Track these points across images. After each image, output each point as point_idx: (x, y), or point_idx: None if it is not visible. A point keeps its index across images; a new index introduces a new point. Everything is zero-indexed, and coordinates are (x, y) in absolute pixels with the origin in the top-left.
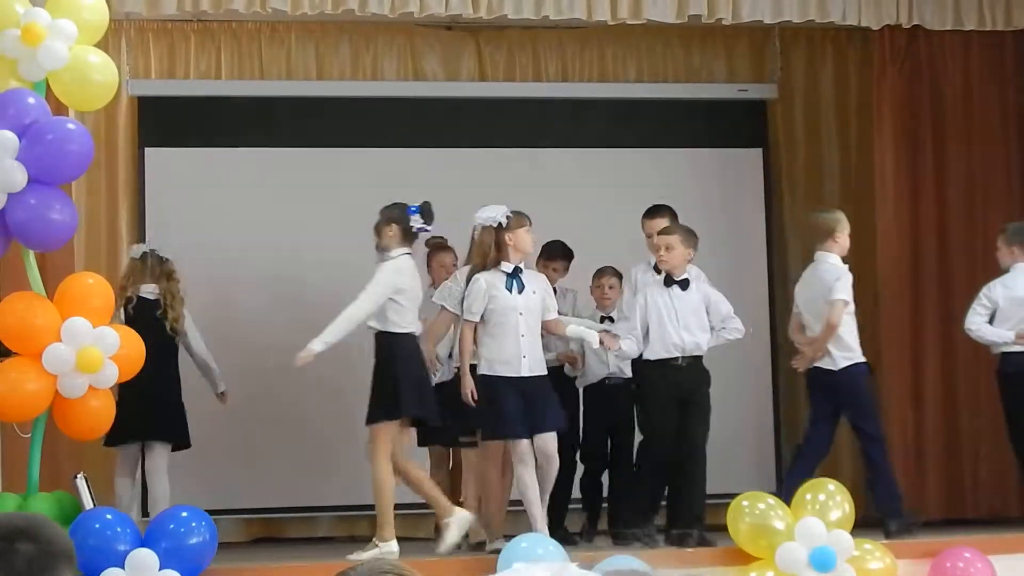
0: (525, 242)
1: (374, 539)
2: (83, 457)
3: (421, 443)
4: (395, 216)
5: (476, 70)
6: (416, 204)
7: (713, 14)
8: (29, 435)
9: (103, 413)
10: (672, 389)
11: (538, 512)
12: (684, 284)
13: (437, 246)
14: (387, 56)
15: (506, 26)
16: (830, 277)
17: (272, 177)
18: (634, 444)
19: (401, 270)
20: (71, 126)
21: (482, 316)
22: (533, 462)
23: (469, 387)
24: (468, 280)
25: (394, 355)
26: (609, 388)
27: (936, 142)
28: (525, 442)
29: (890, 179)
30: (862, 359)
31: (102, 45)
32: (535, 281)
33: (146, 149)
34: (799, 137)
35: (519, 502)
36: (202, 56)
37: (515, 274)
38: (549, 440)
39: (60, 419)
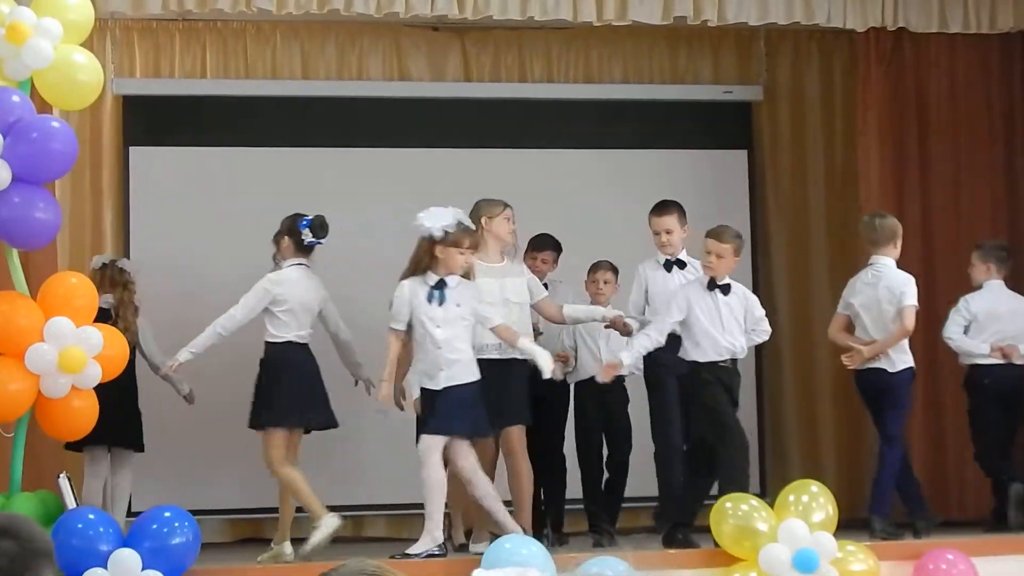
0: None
1: (272, 541)
2: (66, 457)
3: None
4: (287, 228)
5: (462, 70)
6: (308, 217)
7: (699, 16)
8: (12, 435)
9: (86, 413)
10: (724, 389)
11: (493, 506)
12: (726, 289)
13: None
14: (372, 56)
15: (492, 27)
16: (898, 282)
17: (257, 176)
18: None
19: (280, 282)
20: (55, 124)
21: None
22: (471, 463)
23: (382, 394)
24: None
25: (273, 363)
26: (602, 385)
27: (921, 144)
28: (459, 442)
29: (875, 181)
30: (913, 364)
31: (87, 44)
32: (464, 294)
33: (131, 148)
34: (784, 139)
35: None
36: (187, 55)
37: (439, 286)
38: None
39: (42, 419)
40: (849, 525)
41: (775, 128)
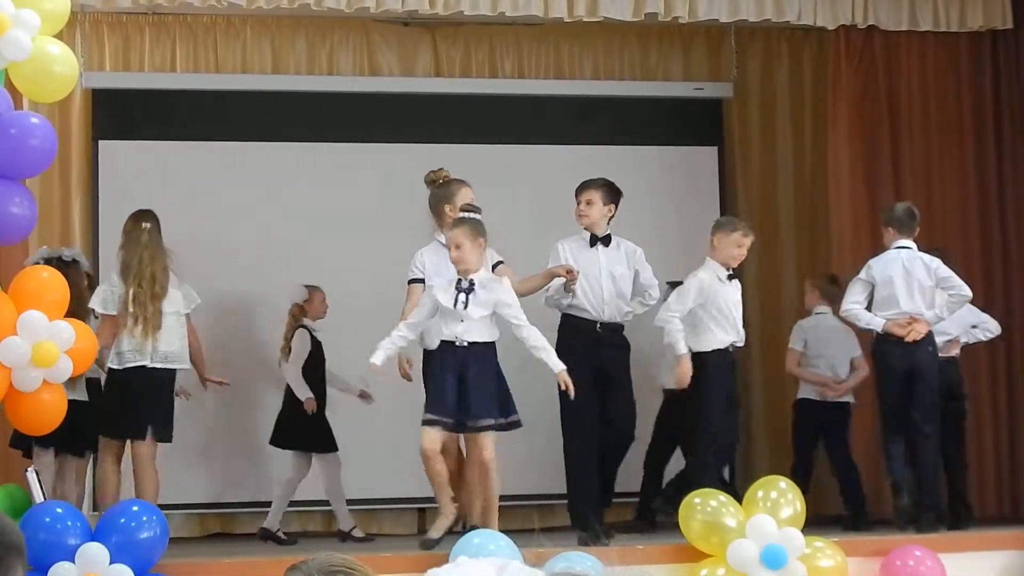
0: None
1: None
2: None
3: None
4: None
5: (432, 66)
6: None
7: (669, 12)
8: None
9: (54, 408)
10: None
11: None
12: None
13: None
14: (343, 51)
15: (462, 22)
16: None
17: (227, 171)
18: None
19: None
20: (35, 120)
21: None
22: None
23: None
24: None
25: None
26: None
27: (891, 141)
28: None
29: (845, 178)
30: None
31: (57, 37)
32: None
33: (100, 142)
34: (754, 135)
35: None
36: (157, 49)
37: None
38: None
39: (12, 413)
40: (816, 521)
41: (745, 125)
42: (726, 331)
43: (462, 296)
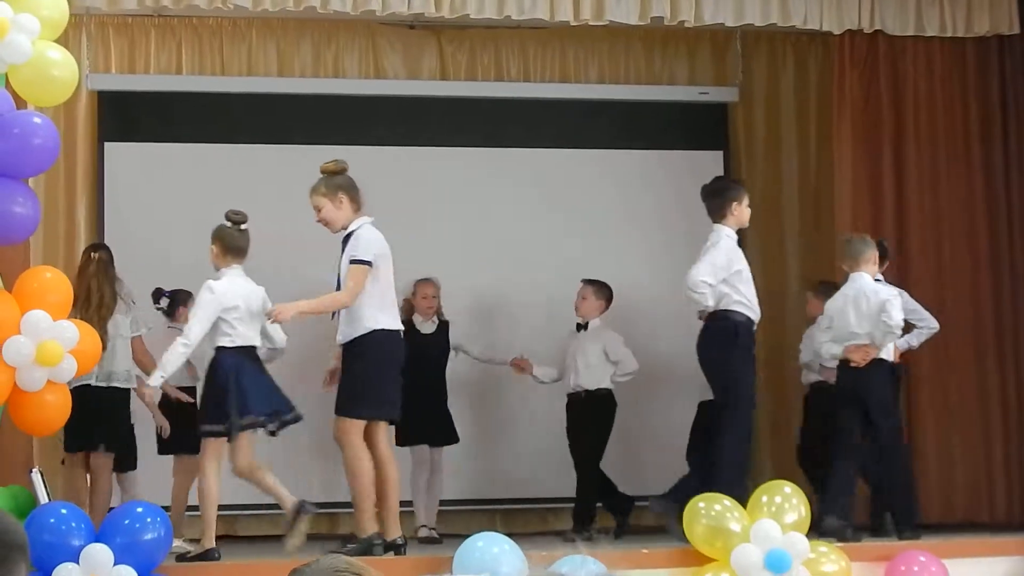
0: None
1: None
2: (39, 452)
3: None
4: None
5: (438, 69)
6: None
7: (675, 16)
8: None
9: (58, 408)
10: None
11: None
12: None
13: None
14: (348, 54)
15: (468, 25)
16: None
17: (231, 173)
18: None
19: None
20: (37, 120)
21: None
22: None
23: None
24: None
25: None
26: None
27: (896, 146)
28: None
29: (849, 183)
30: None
31: (62, 39)
32: None
33: (105, 144)
34: (759, 140)
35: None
36: (163, 51)
37: None
38: None
39: (15, 413)
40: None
41: (750, 129)
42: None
43: None
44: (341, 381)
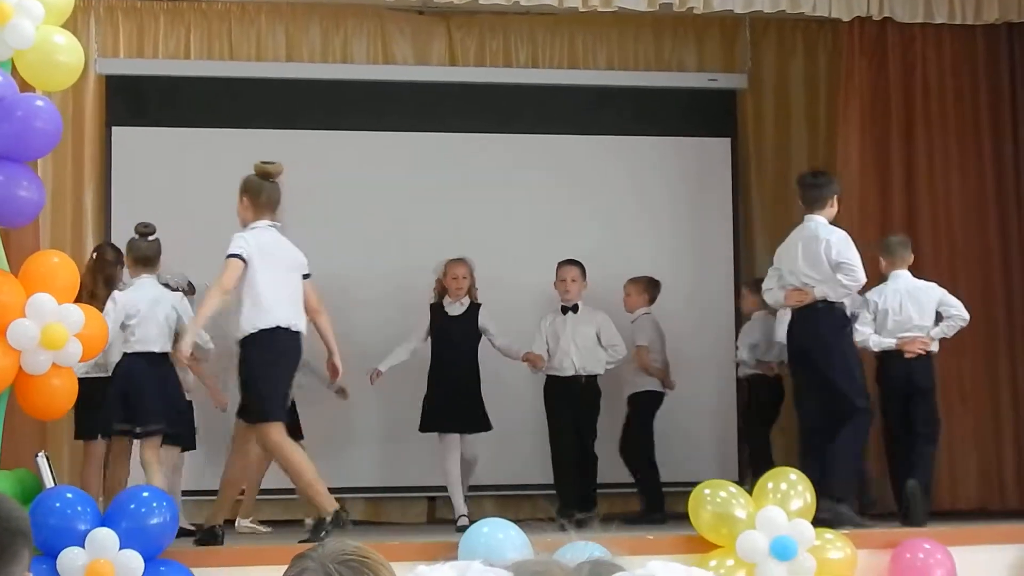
0: None
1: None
2: (45, 435)
3: None
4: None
5: (446, 55)
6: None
7: (684, 3)
8: None
9: (64, 391)
10: None
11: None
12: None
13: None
14: (357, 39)
15: (477, 11)
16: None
17: (239, 158)
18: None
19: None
20: (40, 103)
21: None
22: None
23: None
24: None
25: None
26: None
27: (905, 134)
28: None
29: (857, 171)
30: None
31: (70, 24)
32: None
33: (113, 128)
34: (768, 127)
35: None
36: (171, 35)
37: None
38: None
39: (21, 396)
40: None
41: (759, 117)
42: None
43: None
44: (241, 389)
